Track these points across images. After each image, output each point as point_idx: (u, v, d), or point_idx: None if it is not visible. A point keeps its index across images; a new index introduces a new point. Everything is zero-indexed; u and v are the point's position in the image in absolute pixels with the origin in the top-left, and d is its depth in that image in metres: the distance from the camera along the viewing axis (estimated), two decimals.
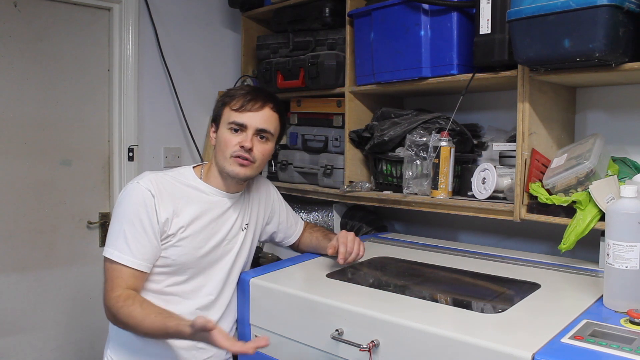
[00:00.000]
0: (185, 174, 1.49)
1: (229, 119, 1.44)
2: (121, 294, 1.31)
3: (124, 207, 1.37)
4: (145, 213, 1.36)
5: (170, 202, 1.40)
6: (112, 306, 1.30)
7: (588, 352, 0.95)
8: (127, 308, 1.28)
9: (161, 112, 2.49)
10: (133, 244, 1.34)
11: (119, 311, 1.29)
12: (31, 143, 2.18)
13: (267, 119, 1.45)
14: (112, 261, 1.34)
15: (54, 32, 2.22)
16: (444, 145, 1.71)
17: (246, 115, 1.43)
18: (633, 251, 1.12)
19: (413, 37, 1.76)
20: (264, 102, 1.45)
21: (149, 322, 1.26)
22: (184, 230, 1.41)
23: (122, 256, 1.33)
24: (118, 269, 1.33)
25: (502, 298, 1.36)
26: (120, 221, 1.36)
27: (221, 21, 2.67)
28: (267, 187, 1.68)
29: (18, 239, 2.17)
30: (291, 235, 1.73)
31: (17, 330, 2.17)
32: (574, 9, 1.29)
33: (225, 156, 1.44)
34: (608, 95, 1.70)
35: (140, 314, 1.27)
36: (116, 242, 1.35)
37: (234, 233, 1.52)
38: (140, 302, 1.30)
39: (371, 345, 1.15)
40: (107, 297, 1.33)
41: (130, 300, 1.30)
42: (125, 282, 1.33)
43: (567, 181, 1.46)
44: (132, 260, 1.33)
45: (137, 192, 1.37)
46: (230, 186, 1.50)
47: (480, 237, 2.03)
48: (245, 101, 1.43)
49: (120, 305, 1.29)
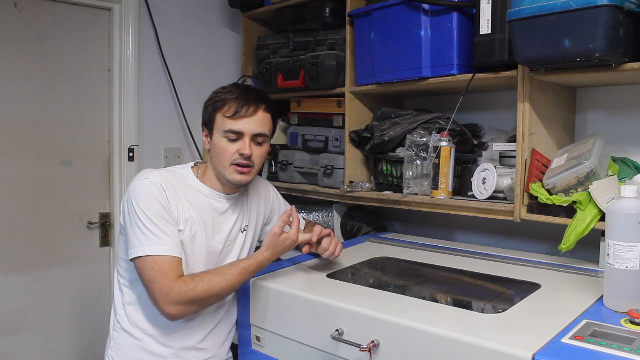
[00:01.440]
0: (184, 174, 1.49)
1: (224, 127, 1.41)
2: (184, 277, 1.31)
3: (142, 204, 1.34)
4: (161, 205, 1.35)
5: (176, 197, 1.41)
6: (185, 291, 1.29)
7: (588, 352, 0.95)
8: (201, 282, 1.30)
9: (161, 112, 2.49)
10: (163, 235, 1.33)
11: (194, 291, 1.29)
12: (31, 143, 2.18)
13: (261, 122, 1.44)
14: (152, 256, 1.30)
15: (54, 32, 2.22)
16: (444, 145, 1.71)
17: (241, 122, 1.41)
18: (633, 251, 1.11)
19: (413, 37, 1.76)
20: (257, 105, 1.43)
21: (230, 277, 1.33)
22: (186, 228, 1.41)
23: (161, 248, 1.31)
24: (163, 262, 1.30)
25: (502, 298, 1.36)
26: (143, 218, 1.33)
27: (221, 21, 2.67)
28: (266, 187, 1.68)
29: (18, 239, 2.17)
30: None
31: (17, 330, 2.17)
32: (574, 9, 1.29)
33: (224, 165, 1.43)
34: (608, 95, 1.70)
35: (217, 278, 1.32)
36: (147, 239, 1.32)
37: (233, 235, 1.52)
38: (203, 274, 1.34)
39: (371, 345, 1.15)
40: (171, 288, 1.28)
41: (197, 276, 1.33)
42: (178, 270, 1.32)
43: (567, 181, 1.46)
44: (171, 249, 1.33)
45: (150, 187, 1.36)
46: (227, 188, 1.50)
47: (480, 237, 2.03)
48: (239, 106, 1.41)
49: (194, 284, 1.30)
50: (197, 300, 1.31)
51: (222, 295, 1.36)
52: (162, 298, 1.29)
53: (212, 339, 1.50)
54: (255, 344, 1.47)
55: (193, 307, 1.33)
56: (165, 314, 1.32)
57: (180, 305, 1.30)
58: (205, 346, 1.48)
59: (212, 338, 1.50)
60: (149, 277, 1.31)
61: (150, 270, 1.30)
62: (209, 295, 1.31)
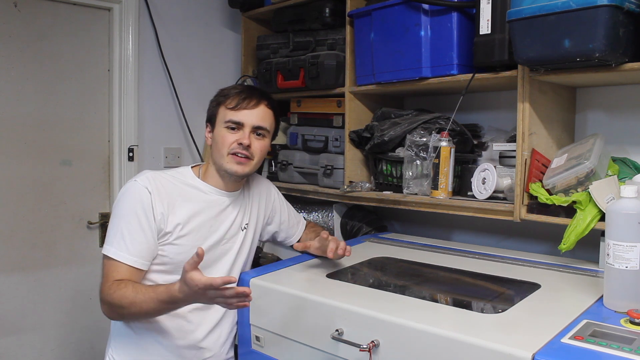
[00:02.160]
0: (183, 173, 1.50)
1: (225, 118, 1.45)
2: (114, 282, 1.32)
3: (121, 205, 1.38)
4: (142, 210, 1.36)
5: (168, 199, 1.41)
6: (106, 294, 1.31)
7: (588, 352, 0.95)
8: (120, 291, 1.29)
9: (161, 112, 2.49)
10: (130, 242, 1.34)
11: (112, 296, 1.29)
12: (31, 143, 2.18)
13: (263, 115, 1.47)
14: (110, 258, 1.35)
15: (54, 32, 2.21)
16: (444, 146, 1.71)
17: (242, 113, 1.45)
18: (633, 251, 1.12)
19: (413, 37, 1.76)
20: (258, 100, 1.47)
21: (141, 296, 1.27)
22: (181, 229, 1.41)
23: (119, 253, 1.34)
24: (115, 265, 1.34)
25: (502, 298, 1.36)
26: (118, 219, 1.37)
27: (221, 21, 2.67)
28: (267, 187, 1.68)
29: (18, 239, 2.17)
30: (293, 234, 1.74)
31: (17, 330, 2.17)
32: (574, 9, 1.29)
33: (222, 154, 1.45)
34: (608, 95, 1.70)
35: (132, 292, 1.29)
36: (113, 240, 1.35)
37: (233, 232, 1.52)
38: (132, 284, 1.31)
39: (371, 345, 1.15)
40: (102, 290, 1.33)
41: (122, 284, 1.31)
42: (122, 275, 1.33)
43: (567, 181, 1.46)
44: (129, 257, 1.34)
45: (134, 190, 1.38)
46: (228, 184, 1.51)
47: (480, 237, 2.03)
48: (241, 99, 1.45)
49: (113, 290, 1.30)
50: (113, 306, 1.31)
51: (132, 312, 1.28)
52: (99, 294, 1.34)
53: (213, 339, 1.50)
54: (255, 344, 1.47)
55: (112, 312, 1.33)
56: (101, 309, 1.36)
57: (104, 306, 1.34)
58: (205, 345, 1.48)
59: (213, 337, 1.50)
60: (102, 273, 1.37)
61: (103, 267, 1.37)
62: (121, 306, 1.29)
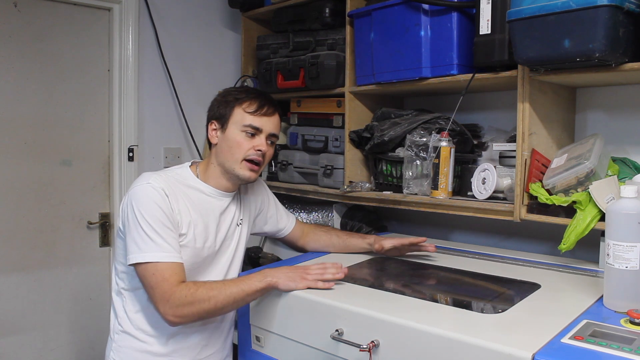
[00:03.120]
0: (183, 175, 1.48)
1: (244, 122, 1.43)
2: (186, 283, 1.31)
3: (144, 210, 1.34)
4: (164, 211, 1.35)
5: (176, 202, 1.40)
6: (185, 295, 1.28)
7: (588, 352, 0.95)
8: (203, 286, 1.31)
9: (161, 112, 2.49)
10: (169, 242, 1.33)
11: (196, 293, 1.29)
12: (31, 143, 2.18)
13: (277, 124, 1.50)
14: (157, 263, 1.30)
15: (54, 32, 2.22)
16: (444, 146, 1.71)
17: (263, 119, 1.45)
18: (633, 251, 1.12)
19: (413, 37, 1.76)
20: (275, 108, 1.49)
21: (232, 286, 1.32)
22: (187, 231, 1.41)
23: (162, 255, 1.31)
24: (170, 268, 1.31)
25: (502, 298, 1.36)
26: (145, 224, 1.32)
27: (221, 21, 2.67)
28: (258, 181, 1.69)
29: (18, 239, 2.17)
30: (282, 228, 1.73)
31: (17, 330, 2.17)
32: (574, 9, 1.29)
33: (236, 159, 1.44)
34: (608, 95, 1.70)
35: (217, 284, 1.33)
36: (153, 244, 1.31)
37: (232, 230, 1.53)
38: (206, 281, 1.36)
39: (371, 345, 1.15)
40: (172, 293, 1.28)
41: (198, 282, 1.34)
42: (180, 275, 1.32)
43: (567, 181, 1.46)
44: (177, 255, 1.34)
45: (152, 193, 1.35)
46: (230, 186, 1.51)
47: (480, 237, 2.03)
48: (260, 105, 1.45)
49: (195, 288, 1.30)
50: (196, 304, 1.29)
51: (221, 302, 1.31)
52: (163, 303, 1.29)
53: (215, 336, 1.51)
54: (255, 344, 1.47)
55: (192, 312, 1.30)
56: (166, 319, 1.31)
57: (180, 309, 1.29)
58: (208, 343, 1.49)
59: (215, 335, 1.51)
60: (150, 283, 1.31)
61: (151, 276, 1.31)
62: (208, 298, 1.29)
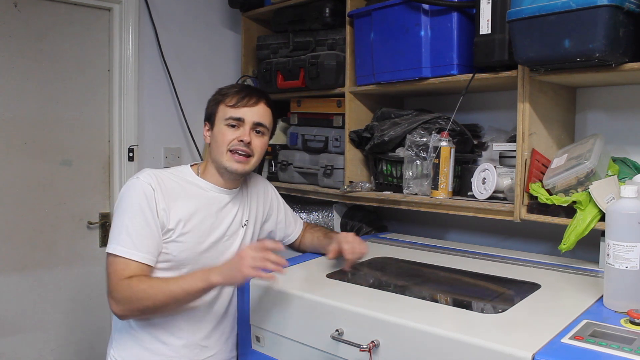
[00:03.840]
0: (183, 171, 1.51)
1: (226, 115, 1.46)
2: (130, 279, 1.30)
3: (125, 202, 1.37)
4: (146, 206, 1.36)
5: (169, 196, 1.41)
6: (124, 290, 1.29)
7: (588, 352, 0.95)
8: (143, 283, 1.29)
9: (161, 112, 2.49)
10: (137, 238, 1.33)
11: (134, 289, 1.28)
12: (31, 143, 2.18)
13: (262, 113, 1.49)
14: (117, 256, 1.32)
15: (54, 32, 2.21)
16: (444, 146, 1.71)
17: (243, 110, 1.45)
18: (633, 251, 1.12)
19: (413, 37, 1.76)
20: (258, 98, 1.49)
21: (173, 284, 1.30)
22: (183, 226, 1.41)
23: (127, 250, 1.32)
24: (124, 263, 1.32)
25: (502, 298, 1.36)
26: (122, 216, 1.36)
27: (221, 21, 2.67)
28: (265, 185, 1.69)
29: (18, 239, 2.17)
30: (290, 234, 1.74)
31: (17, 330, 2.17)
32: (574, 9, 1.29)
33: (222, 151, 1.45)
34: (608, 95, 1.70)
35: (159, 281, 1.31)
36: (119, 237, 1.34)
37: (233, 229, 1.52)
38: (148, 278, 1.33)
39: (371, 345, 1.15)
40: (115, 287, 1.30)
41: (142, 277, 1.31)
42: (131, 271, 1.32)
43: (567, 181, 1.46)
44: (137, 253, 1.33)
45: (137, 186, 1.38)
46: (227, 182, 1.51)
47: (480, 237, 2.03)
48: (241, 97, 1.46)
49: (134, 284, 1.29)
50: (134, 299, 1.29)
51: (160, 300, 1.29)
52: (109, 296, 1.32)
53: (215, 337, 1.50)
54: (255, 344, 1.47)
55: (133, 309, 1.31)
56: (112, 311, 1.33)
57: (121, 304, 1.30)
58: (208, 344, 1.48)
59: (215, 335, 1.50)
60: (108, 272, 1.34)
61: (108, 266, 1.34)
62: (146, 296, 1.28)
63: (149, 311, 1.34)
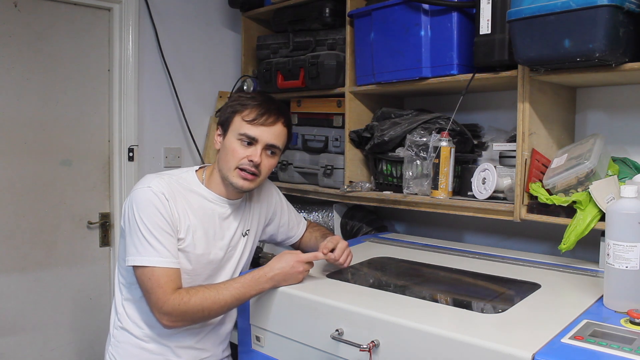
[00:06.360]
0: (187, 179, 1.47)
1: (240, 130, 1.41)
2: (180, 290, 1.32)
3: (143, 214, 1.34)
4: (164, 215, 1.35)
5: (177, 206, 1.40)
6: (178, 304, 1.30)
7: (588, 352, 0.95)
8: (194, 297, 1.31)
9: (161, 112, 2.49)
10: (168, 246, 1.34)
11: (189, 302, 1.30)
12: (31, 143, 2.18)
13: (278, 134, 1.44)
14: (154, 267, 1.32)
15: (54, 32, 2.22)
16: (444, 146, 1.71)
17: (259, 129, 1.41)
18: (633, 251, 1.11)
19: (413, 37, 1.76)
20: (277, 117, 1.43)
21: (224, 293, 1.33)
22: (186, 236, 1.41)
23: (159, 259, 1.32)
24: (165, 275, 1.32)
25: (502, 298, 1.36)
26: (144, 228, 1.33)
27: (221, 21, 2.67)
28: (269, 189, 1.67)
29: (18, 239, 2.17)
30: (292, 236, 1.74)
31: (17, 330, 2.17)
32: (574, 9, 1.29)
33: (229, 167, 1.42)
34: (608, 95, 1.70)
35: (209, 291, 1.33)
36: (146, 249, 1.32)
37: (236, 239, 1.52)
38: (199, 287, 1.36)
39: (371, 345, 1.15)
40: (167, 302, 1.30)
41: (191, 290, 1.33)
42: (175, 282, 1.33)
43: (567, 181, 1.46)
44: (174, 260, 1.34)
45: (152, 197, 1.35)
46: (231, 193, 1.49)
47: (480, 237, 2.03)
48: (259, 114, 1.41)
49: (188, 297, 1.31)
50: (189, 313, 1.32)
51: (215, 311, 1.35)
52: (157, 309, 1.32)
53: (210, 340, 1.50)
54: (255, 344, 1.47)
55: (185, 320, 1.34)
56: (161, 323, 1.34)
57: (173, 317, 1.32)
58: (202, 346, 1.48)
59: (210, 338, 1.50)
60: (146, 287, 1.33)
61: (147, 280, 1.32)
62: (201, 309, 1.32)
63: (201, 320, 1.38)
